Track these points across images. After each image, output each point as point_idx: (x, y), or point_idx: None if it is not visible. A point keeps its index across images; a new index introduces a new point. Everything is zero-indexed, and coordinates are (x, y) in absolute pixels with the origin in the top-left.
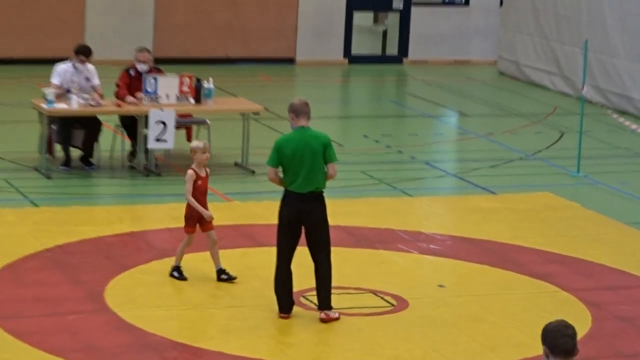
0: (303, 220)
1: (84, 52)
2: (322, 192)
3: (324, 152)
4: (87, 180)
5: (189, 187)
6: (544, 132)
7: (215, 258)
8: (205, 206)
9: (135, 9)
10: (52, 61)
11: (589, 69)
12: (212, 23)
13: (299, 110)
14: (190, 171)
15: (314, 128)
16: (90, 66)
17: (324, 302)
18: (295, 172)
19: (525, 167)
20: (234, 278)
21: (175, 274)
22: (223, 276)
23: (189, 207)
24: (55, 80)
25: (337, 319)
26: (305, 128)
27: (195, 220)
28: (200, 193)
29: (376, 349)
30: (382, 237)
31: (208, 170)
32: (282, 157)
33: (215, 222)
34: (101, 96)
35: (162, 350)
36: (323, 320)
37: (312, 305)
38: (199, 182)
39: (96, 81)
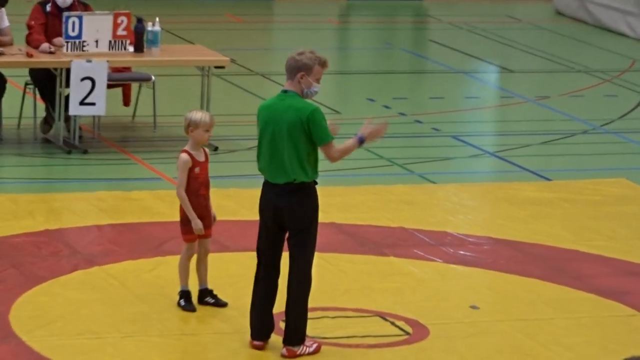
0: (279, 218)
1: None
2: (304, 184)
3: (305, 131)
4: None
5: (182, 177)
6: (618, 95)
7: (202, 273)
8: (207, 202)
9: None
10: None
11: None
12: None
13: (286, 67)
14: (184, 155)
15: None
16: None
17: (288, 334)
18: (265, 154)
19: (592, 144)
20: (224, 304)
21: (182, 302)
22: (209, 299)
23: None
24: None
25: (312, 352)
26: (287, 93)
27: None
28: (200, 184)
29: None
30: (394, 239)
31: (207, 151)
32: (258, 130)
33: (163, 217)
34: (5, 43)
35: None
36: (284, 357)
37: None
38: (197, 169)
39: (4, 23)
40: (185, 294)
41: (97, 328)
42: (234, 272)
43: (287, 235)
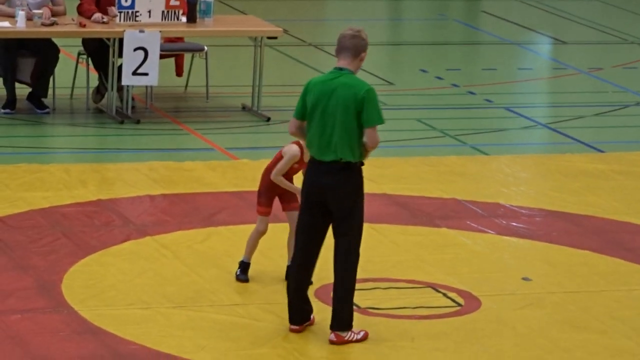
0: (324, 198)
1: None
2: (350, 163)
3: (358, 110)
4: (38, 129)
5: (283, 167)
6: None
7: (252, 248)
8: (291, 182)
9: None
10: None
11: None
12: None
13: (339, 44)
14: (295, 148)
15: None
16: None
17: (335, 318)
18: (315, 131)
19: None
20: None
21: (238, 272)
22: None
23: (266, 178)
24: None
25: (360, 340)
26: (342, 70)
27: (273, 195)
28: (290, 175)
29: None
30: (446, 210)
31: None
32: (307, 106)
33: (215, 187)
34: (58, 12)
35: None
36: (333, 343)
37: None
38: (296, 165)
39: None
40: (243, 265)
41: (148, 298)
42: (284, 242)
43: (329, 220)
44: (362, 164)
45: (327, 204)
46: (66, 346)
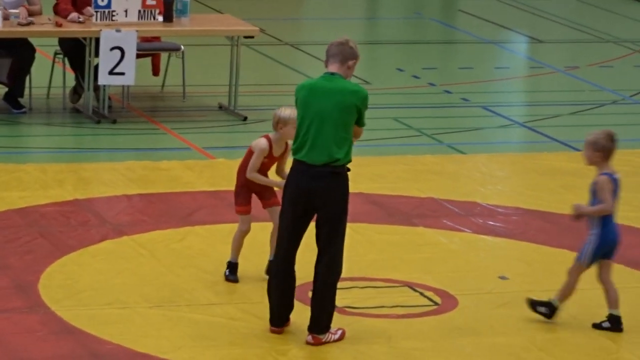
0: (312, 203)
1: None
2: (339, 168)
3: (358, 113)
4: (15, 128)
5: (256, 163)
6: None
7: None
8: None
9: None
10: None
11: None
12: None
13: (328, 52)
14: (263, 142)
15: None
16: None
17: (314, 322)
18: (308, 133)
19: (621, 114)
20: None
21: (227, 272)
22: None
23: (241, 177)
24: None
25: (337, 339)
26: (333, 75)
27: (250, 193)
28: (263, 171)
29: None
30: (423, 209)
31: (289, 144)
32: (299, 108)
33: (192, 187)
34: (34, 12)
35: None
36: (310, 344)
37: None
38: (266, 160)
39: None
40: (231, 265)
41: (125, 298)
42: (262, 241)
43: (310, 221)
44: (349, 169)
45: (314, 209)
46: (43, 346)
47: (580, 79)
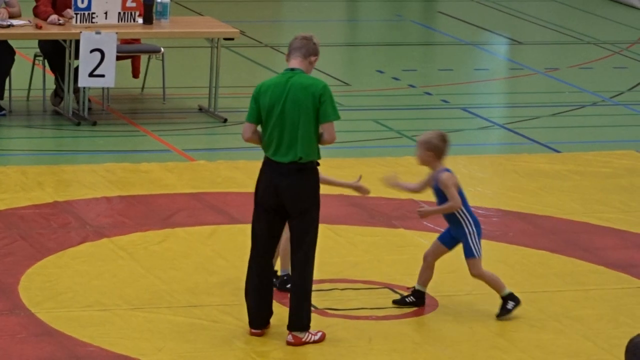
0: (281, 199)
1: None
2: (310, 163)
3: (316, 107)
4: None
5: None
6: (627, 66)
7: (286, 258)
8: None
9: None
10: None
11: None
12: None
13: (291, 45)
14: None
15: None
16: None
17: (293, 320)
18: (272, 132)
19: (601, 116)
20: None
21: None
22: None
23: None
24: None
25: (317, 341)
26: (294, 71)
27: None
28: None
29: None
30: (403, 211)
31: None
32: (260, 109)
33: (172, 189)
34: (14, 14)
35: None
36: (290, 344)
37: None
38: None
39: None
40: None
41: (106, 300)
42: (242, 243)
43: (286, 221)
44: (318, 163)
45: (284, 205)
46: (23, 348)
47: (560, 81)
